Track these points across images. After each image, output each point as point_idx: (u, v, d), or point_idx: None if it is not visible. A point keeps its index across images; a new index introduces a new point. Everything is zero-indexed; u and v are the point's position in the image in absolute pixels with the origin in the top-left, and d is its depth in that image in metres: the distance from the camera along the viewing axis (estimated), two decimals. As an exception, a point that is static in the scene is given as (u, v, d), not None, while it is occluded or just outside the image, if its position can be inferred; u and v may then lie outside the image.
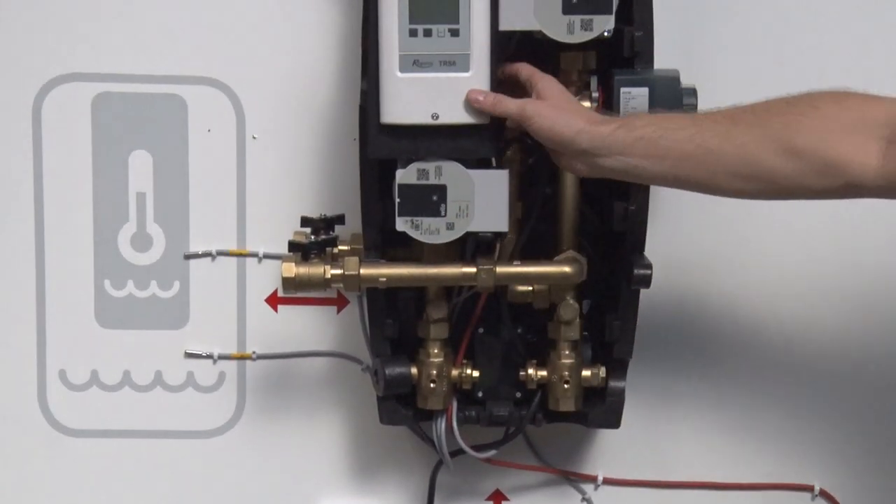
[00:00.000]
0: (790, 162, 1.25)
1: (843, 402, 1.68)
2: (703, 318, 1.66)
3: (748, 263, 1.66)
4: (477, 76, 1.39)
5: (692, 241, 1.65)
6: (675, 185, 1.35)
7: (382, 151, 1.42)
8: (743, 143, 1.28)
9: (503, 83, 1.43)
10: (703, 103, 1.43)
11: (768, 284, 1.66)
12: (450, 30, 1.37)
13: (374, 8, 1.38)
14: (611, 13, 1.43)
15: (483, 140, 1.41)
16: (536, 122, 1.37)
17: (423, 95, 1.38)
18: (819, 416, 1.68)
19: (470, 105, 1.39)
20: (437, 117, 1.39)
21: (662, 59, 1.49)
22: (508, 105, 1.39)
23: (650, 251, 1.52)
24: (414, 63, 1.38)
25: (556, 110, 1.37)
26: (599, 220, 1.56)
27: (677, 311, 1.66)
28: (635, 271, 1.48)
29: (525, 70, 1.43)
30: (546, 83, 1.40)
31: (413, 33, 1.38)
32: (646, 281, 1.48)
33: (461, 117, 1.39)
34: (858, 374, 1.67)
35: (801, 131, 1.25)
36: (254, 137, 1.65)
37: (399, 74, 1.38)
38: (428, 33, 1.38)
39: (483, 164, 1.46)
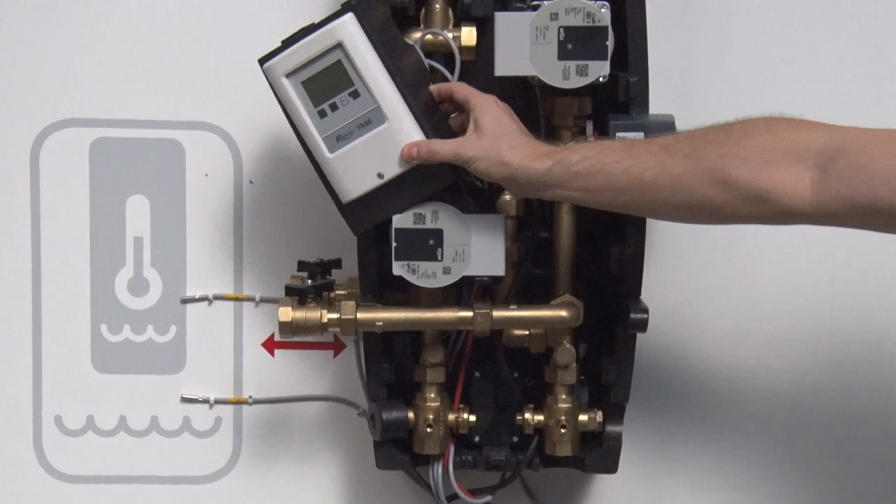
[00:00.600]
0: (724, 192, 1.26)
1: (842, 445, 1.67)
2: (700, 361, 1.66)
3: (746, 307, 1.66)
4: (397, 120, 1.40)
5: (689, 284, 1.65)
6: (616, 211, 1.37)
7: (364, 225, 1.45)
8: (677, 174, 1.28)
9: (444, 101, 1.44)
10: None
11: (766, 328, 1.65)
12: (349, 94, 1.41)
13: (284, 109, 1.42)
14: (606, 59, 1.44)
15: (440, 168, 1.42)
16: (473, 165, 1.38)
17: (360, 163, 1.41)
18: (818, 460, 1.67)
19: (403, 158, 1.41)
20: (383, 175, 1.41)
21: (657, 104, 1.50)
22: (442, 152, 1.39)
23: (646, 294, 1.51)
24: (338, 140, 1.41)
25: (490, 150, 1.37)
26: (595, 264, 1.55)
27: (675, 355, 1.66)
28: (632, 315, 1.48)
29: (460, 92, 1.42)
30: (481, 112, 1.39)
31: (322, 114, 1.41)
32: (642, 325, 1.48)
33: (402, 165, 1.41)
34: (858, 416, 1.66)
35: (735, 162, 1.25)
36: (250, 182, 1.65)
37: (330, 156, 1.42)
38: (334, 107, 1.41)
39: (479, 208, 1.48)
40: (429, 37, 1.50)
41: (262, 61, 1.41)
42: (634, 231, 1.49)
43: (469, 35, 1.50)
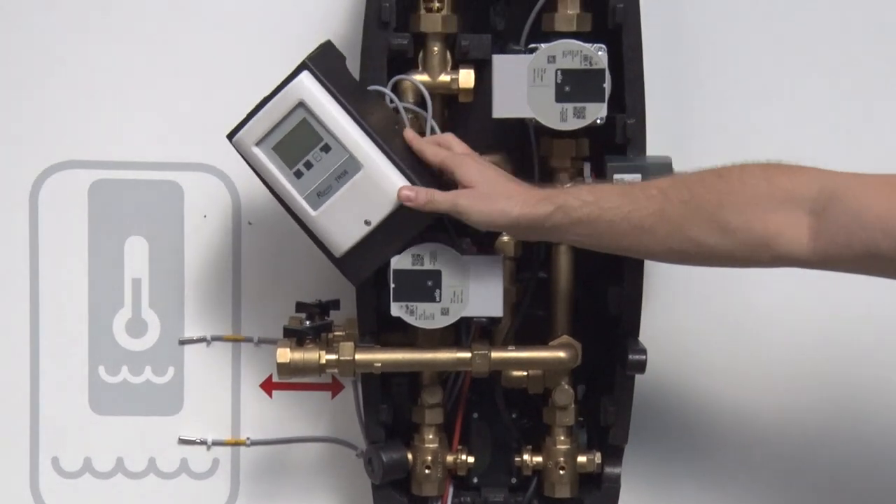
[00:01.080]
0: (722, 238, 1.27)
1: (845, 486, 1.66)
2: (699, 402, 1.65)
3: (745, 346, 1.65)
4: (372, 165, 1.41)
5: (687, 325, 1.65)
6: (616, 254, 1.39)
7: (361, 275, 1.45)
8: (676, 220, 1.30)
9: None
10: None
11: (766, 368, 1.65)
12: (321, 149, 1.41)
13: (262, 178, 1.43)
14: (603, 101, 1.44)
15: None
16: (473, 217, 1.37)
17: (346, 215, 1.41)
18: (819, 501, 1.67)
19: (400, 199, 1.40)
20: (370, 222, 1.41)
21: (654, 146, 1.50)
22: (440, 203, 1.39)
23: (645, 335, 1.51)
24: (319, 196, 1.42)
25: (488, 200, 1.37)
26: (594, 305, 1.55)
27: (674, 396, 1.65)
28: (630, 356, 1.47)
29: (434, 157, 1.43)
30: (465, 171, 1.39)
31: (298, 174, 1.42)
32: (640, 366, 1.47)
33: (387, 207, 1.41)
34: (861, 457, 1.66)
35: (732, 208, 1.26)
36: (249, 223, 1.65)
37: (315, 213, 1.42)
38: (308, 165, 1.42)
39: (478, 249, 1.47)
40: (425, 77, 1.51)
41: (230, 136, 1.43)
42: (632, 272, 1.49)
43: (467, 77, 1.51)
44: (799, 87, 1.62)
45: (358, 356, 1.48)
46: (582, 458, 1.55)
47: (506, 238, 1.52)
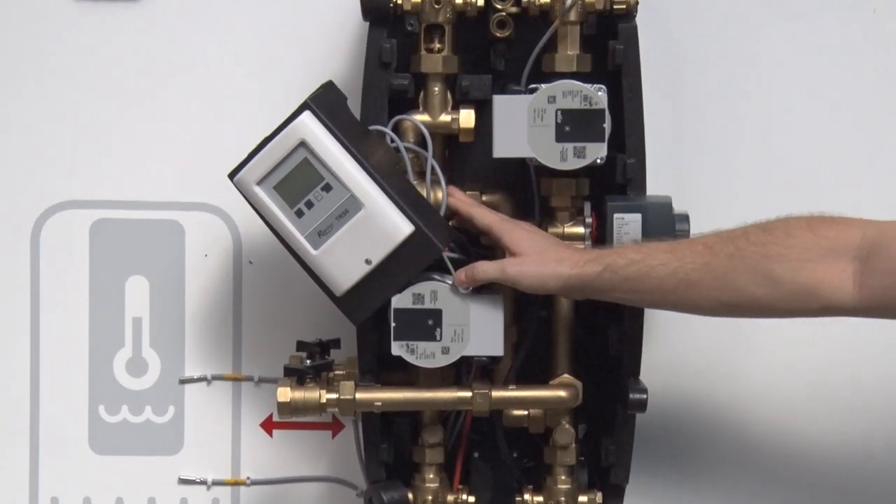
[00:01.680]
0: (770, 290, 1.28)
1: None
2: (700, 441, 1.65)
3: (747, 385, 1.65)
4: (373, 204, 1.41)
5: (688, 364, 1.65)
6: (664, 309, 1.41)
7: (363, 314, 1.45)
8: (723, 274, 1.31)
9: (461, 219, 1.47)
10: (696, 227, 1.45)
11: (768, 406, 1.65)
12: (322, 188, 1.41)
13: (263, 217, 1.43)
14: (603, 141, 1.44)
15: (425, 242, 1.42)
16: (524, 283, 1.40)
17: (346, 254, 1.41)
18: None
19: (457, 285, 1.43)
20: (371, 261, 1.41)
21: (655, 185, 1.50)
22: (489, 273, 1.41)
23: (646, 374, 1.51)
24: (319, 235, 1.42)
25: (538, 265, 1.39)
26: (594, 344, 1.55)
27: (674, 435, 1.64)
28: (631, 396, 1.47)
29: (482, 220, 1.45)
30: (510, 237, 1.42)
31: (299, 213, 1.42)
32: (641, 406, 1.47)
33: (387, 246, 1.41)
34: (864, 483, 1.65)
35: (779, 260, 1.28)
36: (250, 262, 1.66)
37: (316, 252, 1.42)
38: (309, 205, 1.42)
39: (479, 288, 1.47)
40: (426, 117, 1.51)
41: (231, 176, 1.43)
42: (632, 312, 1.49)
43: (467, 117, 1.51)
44: (802, 127, 1.63)
45: (358, 395, 1.47)
46: (583, 498, 1.54)
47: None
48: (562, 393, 1.50)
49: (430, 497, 1.54)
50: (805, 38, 1.61)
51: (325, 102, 1.43)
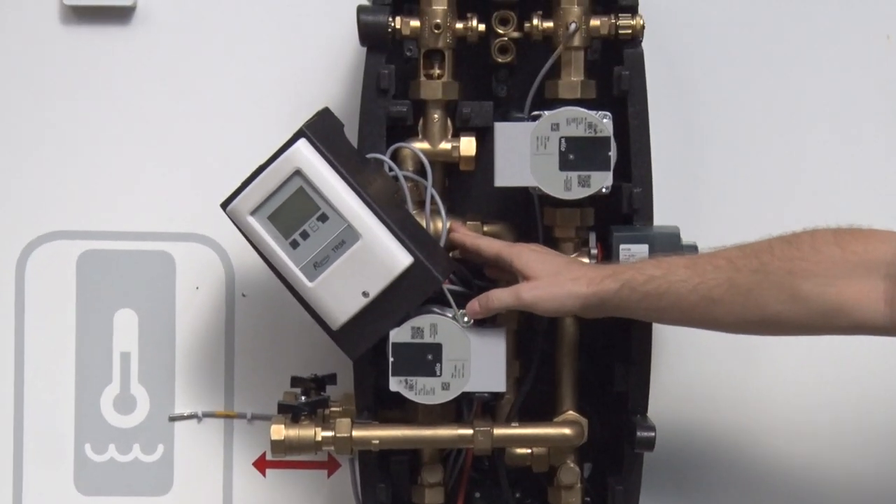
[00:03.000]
0: (795, 307, 1.26)
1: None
2: (710, 479, 1.64)
3: (757, 421, 1.64)
4: (370, 235, 1.40)
5: (696, 399, 1.64)
6: (683, 326, 1.38)
7: (359, 349, 1.44)
8: (747, 290, 1.29)
9: (464, 251, 1.46)
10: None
11: (779, 443, 1.64)
12: (318, 219, 1.40)
13: (256, 248, 1.42)
14: (609, 169, 1.44)
15: (424, 274, 1.41)
16: (542, 307, 1.38)
17: (343, 286, 1.41)
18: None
19: (469, 316, 1.42)
20: (368, 294, 1.40)
21: (662, 215, 1.49)
22: (504, 300, 1.40)
23: (653, 411, 1.50)
24: (315, 267, 1.41)
25: (553, 287, 1.38)
26: (600, 379, 1.54)
27: (683, 473, 1.64)
28: (638, 434, 1.46)
29: (489, 249, 1.43)
30: (520, 261, 1.40)
31: (294, 245, 1.41)
32: (649, 444, 1.46)
33: (385, 278, 1.40)
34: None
35: (805, 276, 1.26)
36: (243, 295, 1.65)
37: (311, 285, 1.41)
38: (305, 235, 1.41)
39: (480, 321, 1.45)
40: (425, 145, 1.50)
41: (224, 205, 1.42)
42: (640, 346, 1.48)
43: (468, 145, 1.51)
44: (819, 155, 1.62)
45: (355, 433, 1.46)
46: (588, 540, 1.54)
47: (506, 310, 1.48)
48: (567, 430, 1.49)
49: (429, 539, 1.52)
50: (817, 64, 1.61)
51: (322, 130, 1.42)
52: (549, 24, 1.48)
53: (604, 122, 1.44)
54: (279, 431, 1.47)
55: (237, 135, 1.62)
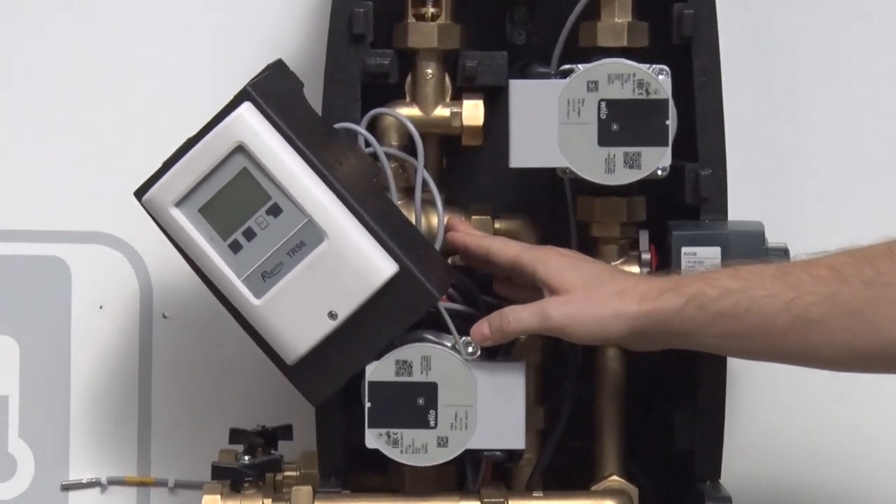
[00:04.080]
0: None
1: None
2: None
3: (863, 490, 1.50)
4: (340, 234, 1.25)
5: (783, 460, 1.49)
6: (768, 361, 1.24)
7: (324, 391, 1.29)
8: (858, 309, 1.15)
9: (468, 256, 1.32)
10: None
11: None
12: (267, 211, 1.26)
13: (183, 252, 1.28)
14: (666, 145, 1.26)
15: (414, 288, 1.25)
16: (576, 331, 1.22)
17: (302, 304, 1.26)
18: None
19: (476, 342, 1.26)
20: (336, 315, 1.25)
21: (738, 207, 1.32)
22: (524, 321, 1.24)
23: (727, 475, 1.33)
24: (264, 278, 1.26)
25: (591, 303, 1.22)
26: (654, 434, 1.39)
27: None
28: (709, 507, 1.33)
29: (503, 254, 1.29)
30: (549, 269, 1.26)
31: (235, 247, 1.26)
32: (723, 520, 1.33)
33: (360, 294, 1.25)
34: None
35: None
36: (164, 316, 1.50)
37: (258, 302, 1.26)
38: (250, 234, 1.26)
39: (489, 352, 1.27)
40: (415, 111, 1.33)
41: (138, 194, 1.27)
42: (710, 389, 1.31)
43: (474, 111, 1.33)
44: None
45: None
46: None
47: (523, 338, 1.35)
48: (609, 502, 1.32)
49: None
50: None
51: (273, 90, 1.27)
52: (584, -56, 1.34)
53: (659, 80, 1.27)
54: (214, 503, 1.30)
55: (158, 99, 1.47)
